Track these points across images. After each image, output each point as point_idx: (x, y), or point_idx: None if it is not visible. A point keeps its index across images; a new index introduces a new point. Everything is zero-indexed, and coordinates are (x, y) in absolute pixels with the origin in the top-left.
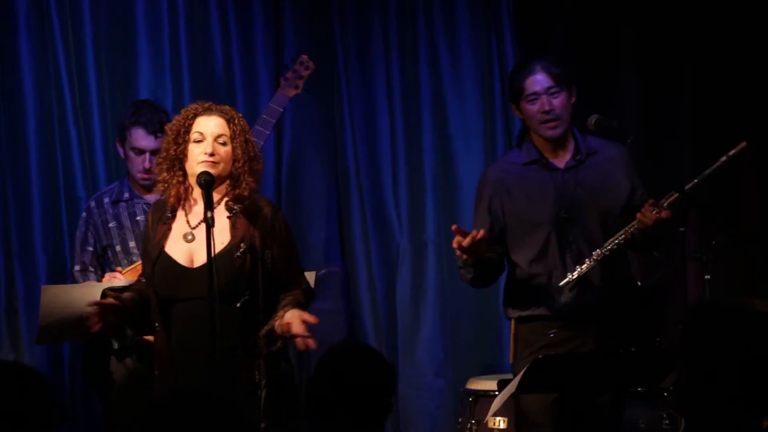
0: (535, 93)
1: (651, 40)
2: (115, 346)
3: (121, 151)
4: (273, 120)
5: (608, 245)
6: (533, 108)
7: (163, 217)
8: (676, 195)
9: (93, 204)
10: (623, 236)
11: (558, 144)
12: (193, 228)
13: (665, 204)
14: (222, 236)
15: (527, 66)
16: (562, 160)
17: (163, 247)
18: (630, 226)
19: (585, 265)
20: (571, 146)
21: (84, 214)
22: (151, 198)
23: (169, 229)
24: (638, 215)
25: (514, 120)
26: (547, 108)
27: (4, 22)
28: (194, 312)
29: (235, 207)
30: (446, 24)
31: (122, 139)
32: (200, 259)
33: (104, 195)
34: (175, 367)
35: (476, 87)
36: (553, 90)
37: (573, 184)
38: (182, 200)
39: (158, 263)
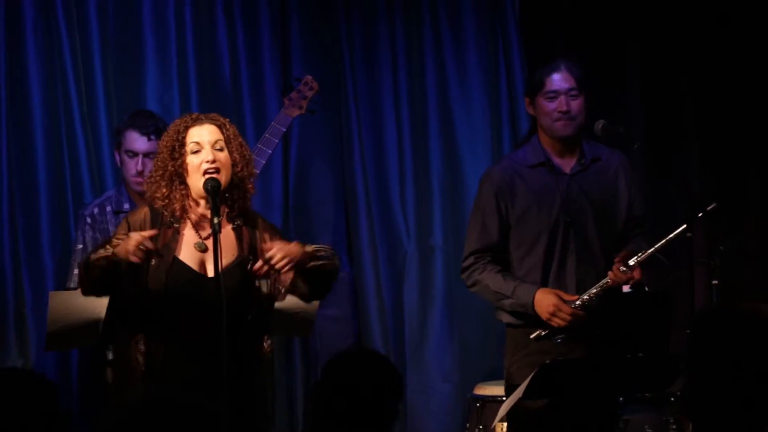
0: (555, 91)
1: (655, 46)
2: (110, 356)
3: (117, 158)
4: (275, 139)
5: (585, 295)
6: (550, 106)
7: (165, 221)
8: (647, 253)
9: (96, 210)
10: (596, 291)
11: (566, 146)
12: (204, 239)
13: (636, 263)
14: (231, 248)
15: (551, 63)
16: (568, 165)
17: (175, 252)
18: (603, 282)
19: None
20: (577, 151)
21: (89, 220)
22: None
23: (178, 234)
24: (609, 274)
25: (521, 125)
26: (564, 108)
27: (11, 29)
28: (204, 320)
29: (237, 220)
30: (453, 30)
31: (118, 144)
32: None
33: (105, 203)
34: (179, 375)
35: (483, 93)
36: (573, 92)
37: (577, 190)
38: (186, 213)
39: (173, 269)
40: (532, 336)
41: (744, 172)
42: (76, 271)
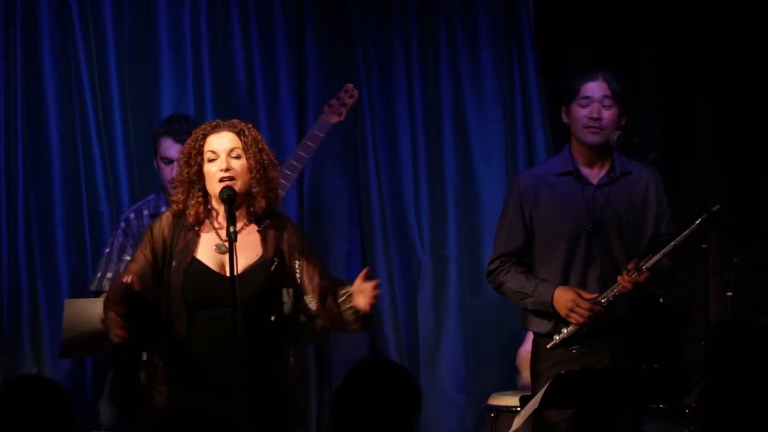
0: (588, 98)
1: (670, 58)
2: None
3: (155, 163)
4: (314, 145)
5: (602, 298)
6: (582, 112)
7: (186, 225)
8: (656, 257)
9: (132, 216)
10: (607, 298)
11: (596, 157)
12: (225, 241)
13: (644, 266)
14: (255, 249)
15: (589, 72)
16: (596, 176)
17: (194, 253)
18: (612, 288)
19: (569, 328)
20: (608, 163)
21: (122, 224)
22: None
23: (198, 236)
24: (618, 278)
25: (536, 137)
26: (595, 115)
27: (28, 37)
28: (223, 320)
29: (264, 222)
30: (468, 42)
31: (154, 150)
32: None
33: (143, 207)
34: (195, 375)
35: (497, 104)
36: (607, 101)
37: (603, 202)
38: (202, 219)
39: (191, 269)
40: (548, 346)
41: (759, 184)
42: (99, 275)
